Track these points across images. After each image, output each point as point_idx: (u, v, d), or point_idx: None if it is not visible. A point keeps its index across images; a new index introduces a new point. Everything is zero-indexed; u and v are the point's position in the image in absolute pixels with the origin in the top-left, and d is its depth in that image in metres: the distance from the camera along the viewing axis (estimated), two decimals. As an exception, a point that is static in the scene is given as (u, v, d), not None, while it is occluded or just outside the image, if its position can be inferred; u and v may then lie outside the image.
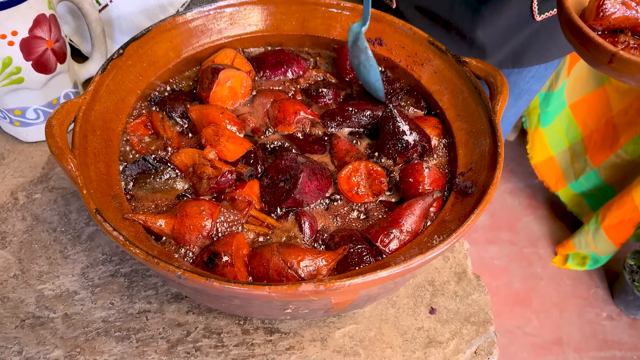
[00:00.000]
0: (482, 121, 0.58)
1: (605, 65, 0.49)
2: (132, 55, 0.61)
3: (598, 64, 0.50)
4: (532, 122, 1.62)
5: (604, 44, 0.47)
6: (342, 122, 0.63)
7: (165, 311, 0.56)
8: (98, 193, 0.50)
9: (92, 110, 0.55)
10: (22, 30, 0.59)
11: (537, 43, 0.81)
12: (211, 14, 0.66)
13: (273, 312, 0.49)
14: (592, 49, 0.48)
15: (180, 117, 0.62)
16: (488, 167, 0.54)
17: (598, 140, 1.52)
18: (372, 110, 0.63)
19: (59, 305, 0.56)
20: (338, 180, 0.56)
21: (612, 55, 0.47)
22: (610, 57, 0.47)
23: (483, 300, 0.59)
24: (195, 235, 0.50)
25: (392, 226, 0.51)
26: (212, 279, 0.41)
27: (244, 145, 0.58)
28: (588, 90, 1.53)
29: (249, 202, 0.54)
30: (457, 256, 0.63)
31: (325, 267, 0.49)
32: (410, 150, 0.58)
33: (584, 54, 0.51)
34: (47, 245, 0.61)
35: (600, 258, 1.53)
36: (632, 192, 1.36)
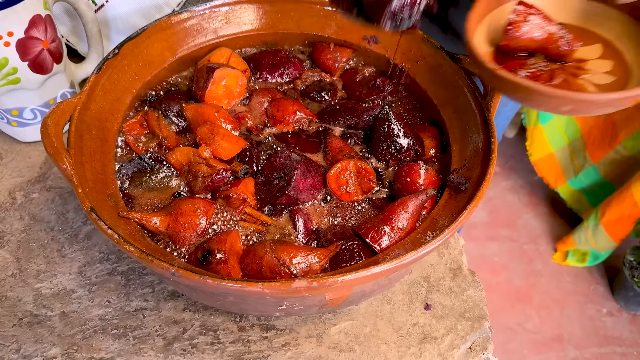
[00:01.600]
0: (476, 118, 0.58)
1: (489, 79, 0.50)
2: (128, 54, 0.62)
3: (486, 78, 0.52)
4: (531, 119, 1.62)
5: (485, 62, 0.49)
6: (338, 122, 0.63)
7: (161, 309, 0.56)
8: (93, 192, 0.50)
9: (87, 110, 0.55)
10: (18, 30, 0.60)
11: None
12: (206, 13, 0.67)
13: (268, 308, 0.49)
14: (478, 65, 0.50)
15: (176, 116, 0.62)
16: (481, 164, 0.54)
17: (597, 137, 1.51)
18: (368, 111, 0.63)
19: (56, 304, 0.56)
20: (327, 178, 0.56)
21: (491, 73, 0.48)
22: (492, 74, 0.48)
23: (478, 296, 0.59)
24: (190, 233, 0.51)
25: (384, 223, 0.52)
26: (205, 276, 0.42)
27: (238, 143, 0.58)
28: (587, 87, 1.53)
29: (243, 200, 0.54)
30: (453, 252, 0.63)
31: (318, 263, 0.49)
32: (403, 153, 0.58)
33: (477, 72, 0.53)
34: (44, 244, 0.61)
35: (600, 254, 1.53)
36: (631, 188, 1.35)
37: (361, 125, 0.62)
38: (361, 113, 0.62)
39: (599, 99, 0.45)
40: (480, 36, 0.56)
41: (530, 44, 0.54)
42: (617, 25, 0.55)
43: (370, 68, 0.70)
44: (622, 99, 0.46)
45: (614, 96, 0.45)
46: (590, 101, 0.45)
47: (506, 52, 0.56)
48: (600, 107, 0.47)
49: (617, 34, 0.55)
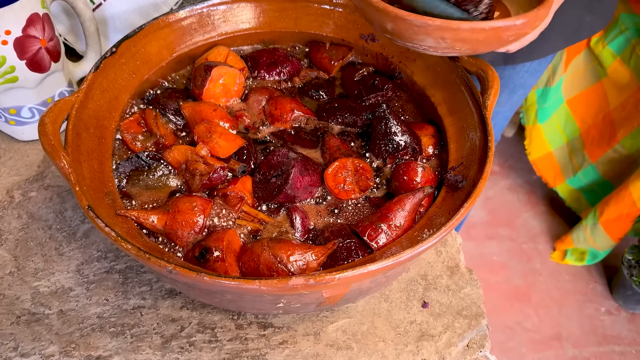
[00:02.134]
0: (473, 116, 0.58)
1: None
2: (125, 53, 0.62)
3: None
4: (530, 118, 1.62)
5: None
6: (336, 120, 0.63)
7: (159, 307, 0.56)
8: (91, 190, 0.50)
9: (85, 108, 0.55)
10: (15, 29, 0.60)
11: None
12: (204, 12, 0.67)
13: (265, 306, 0.49)
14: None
15: (173, 115, 0.62)
16: (479, 161, 0.54)
17: (596, 136, 1.51)
18: (367, 109, 0.63)
19: (54, 302, 0.56)
20: (325, 177, 0.56)
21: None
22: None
23: (475, 293, 0.59)
24: (188, 231, 0.51)
25: (381, 221, 0.52)
26: (202, 274, 0.42)
27: (236, 141, 0.58)
28: (585, 86, 1.53)
29: (241, 198, 0.54)
30: (450, 250, 0.64)
31: (315, 261, 0.49)
32: (400, 152, 0.58)
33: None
34: (42, 242, 0.61)
35: (599, 253, 1.54)
36: (629, 187, 1.36)
37: (359, 123, 0.62)
38: (359, 111, 0.62)
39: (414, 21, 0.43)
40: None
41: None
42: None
43: (368, 67, 0.70)
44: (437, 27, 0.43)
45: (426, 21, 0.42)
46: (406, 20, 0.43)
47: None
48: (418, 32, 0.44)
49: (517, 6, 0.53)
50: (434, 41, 0.45)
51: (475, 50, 0.47)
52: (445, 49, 0.46)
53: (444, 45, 0.45)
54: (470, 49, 0.47)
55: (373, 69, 0.70)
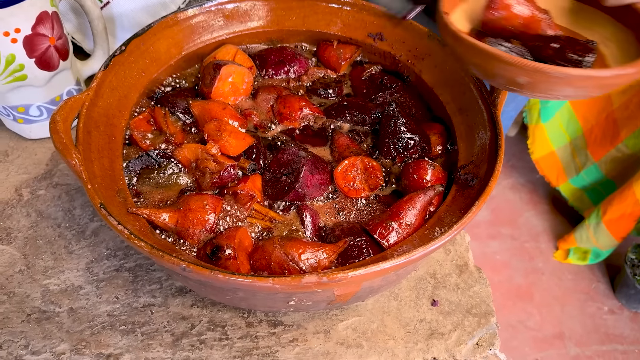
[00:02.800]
0: (482, 114, 0.58)
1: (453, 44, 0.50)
2: (134, 51, 0.62)
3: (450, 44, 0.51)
4: (533, 118, 1.62)
5: (449, 23, 0.48)
6: (345, 118, 0.64)
7: (169, 305, 0.56)
8: (102, 188, 0.50)
9: (95, 107, 0.56)
10: (25, 27, 0.60)
11: None
12: (212, 10, 0.67)
13: (277, 304, 0.49)
14: (442, 28, 0.50)
15: (182, 113, 0.62)
16: (489, 160, 0.54)
17: (599, 135, 1.52)
18: (376, 108, 0.63)
19: (64, 300, 0.56)
20: (335, 175, 0.56)
21: (453, 34, 0.48)
22: (454, 36, 0.48)
23: (484, 292, 0.60)
24: (199, 229, 0.51)
25: (392, 219, 0.52)
26: (216, 272, 0.42)
27: (246, 140, 0.58)
28: (589, 85, 1.53)
29: (251, 196, 0.54)
30: (459, 249, 0.64)
31: (327, 259, 0.49)
32: (409, 150, 0.58)
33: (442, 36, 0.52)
34: (51, 240, 0.61)
35: (602, 252, 1.54)
36: (633, 186, 1.36)
37: (368, 121, 0.63)
38: (368, 109, 0.63)
39: (556, 73, 0.43)
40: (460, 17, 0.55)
41: (512, 20, 0.53)
42: (603, 30, 0.54)
43: (377, 66, 0.70)
44: (580, 77, 0.44)
45: (570, 72, 0.43)
46: (547, 73, 0.43)
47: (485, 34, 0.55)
48: (557, 83, 0.45)
49: (603, 38, 0.54)
50: (573, 90, 0.45)
51: (602, 93, 0.47)
52: (582, 94, 0.47)
53: (581, 93, 0.46)
54: (604, 90, 0.47)
55: (381, 67, 0.70)
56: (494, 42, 0.51)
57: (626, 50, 0.52)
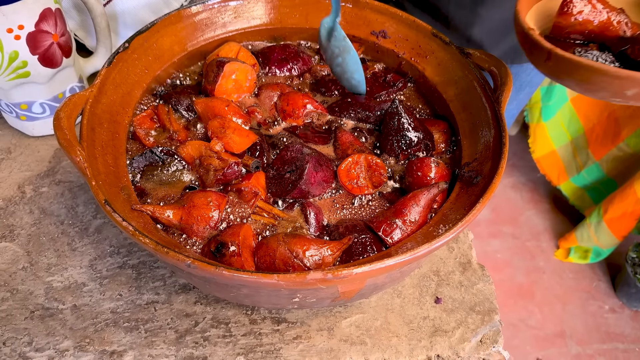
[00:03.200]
0: (486, 112, 0.58)
1: (543, 64, 0.48)
2: (138, 48, 0.62)
3: (538, 63, 0.49)
4: (534, 116, 1.62)
5: (541, 41, 0.47)
6: (349, 115, 0.63)
7: (173, 302, 0.56)
8: (106, 185, 0.50)
9: (99, 103, 0.55)
10: (28, 24, 0.60)
11: None
12: (215, 8, 0.67)
13: (281, 301, 0.49)
14: (531, 47, 0.48)
15: (186, 110, 0.62)
16: (492, 157, 0.54)
17: (600, 134, 1.52)
18: (379, 105, 0.63)
19: (67, 297, 0.56)
20: (338, 173, 0.56)
21: (548, 52, 0.46)
22: (547, 55, 0.46)
23: (488, 289, 0.60)
24: (203, 226, 0.51)
25: (396, 216, 0.52)
26: (221, 268, 0.42)
27: (249, 137, 0.58)
28: (590, 84, 1.53)
29: (255, 193, 0.54)
30: (462, 247, 0.64)
31: (331, 256, 0.49)
32: (413, 147, 0.58)
33: (528, 55, 0.50)
34: (54, 237, 0.61)
35: (603, 251, 1.54)
36: (634, 185, 1.36)
37: (372, 119, 0.62)
38: (372, 107, 0.62)
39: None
40: (530, 21, 0.53)
41: (587, 25, 0.51)
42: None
43: (379, 64, 0.70)
44: None
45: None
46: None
47: (556, 39, 0.53)
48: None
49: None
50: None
51: None
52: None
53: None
54: None
55: (384, 65, 0.70)
56: (581, 52, 0.49)
57: None
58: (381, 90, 0.66)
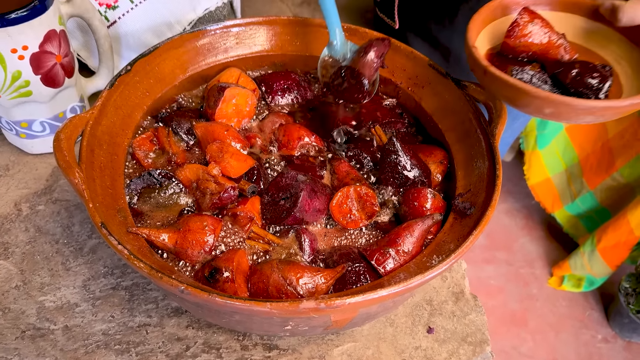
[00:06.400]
0: (480, 144, 0.59)
1: (482, 78, 0.54)
2: (140, 71, 0.63)
3: (479, 78, 0.55)
4: (529, 144, 1.64)
5: (479, 58, 0.53)
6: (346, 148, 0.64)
7: (165, 325, 0.56)
8: (103, 207, 0.51)
9: (99, 125, 0.56)
10: (32, 45, 0.61)
11: None
12: (217, 33, 0.68)
13: (273, 328, 0.50)
14: (473, 62, 0.54)
15: (185, 134, 0.63)
16: (486, 189, 0.55)
17: (594, 163, 1.53)
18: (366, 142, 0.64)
19: (59, 317, 0.56)
20: (331, 209, 0.56)
21: (484, 69, 0.52)
22: (484, 71, 0.53)
23: (480, 320, 0.60)
24: (198, 250, 0.51)
25: (389, 245, 0.52)
26: (214, 294, 0.42)
27: (247, 162, 0.59)
28: (584, 114, 1.55)
29: (250, 219, 0.54)
30: (455, 276, 0.64)
31: (324, 284, 0.49)
32: (408, 185, 0.59)
33: (471, 69, 0.56)
34: (49, 256, 0.61)
35: (596, 280, 1.54)
36: (627, 215, 1.37)
37: (370, 158, 0.63)
38: (367, 148, 0.63)
39: (579, 105, 0.48)
40: (482, 39, 0.59)
41: (531, 47, 0.57)
42: (617, 48, 0.57)
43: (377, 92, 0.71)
44: (602, 108, 0.48)
45: (592, 104, 0.48)
46: (571, 105, 0.48)
47: (505, 56, 0.59)
48: (580, 113, 0.49)
49: (616, 56, 0.57)
50: (594, 118, 0.50)
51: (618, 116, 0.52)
52: (602, 120, 0.51)
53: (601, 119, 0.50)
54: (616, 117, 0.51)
55: (382, 94, 0.71)
56: (518, 71, 0.55)
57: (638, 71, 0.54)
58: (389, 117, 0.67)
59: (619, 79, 0.56)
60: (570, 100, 0.48)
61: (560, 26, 0.59)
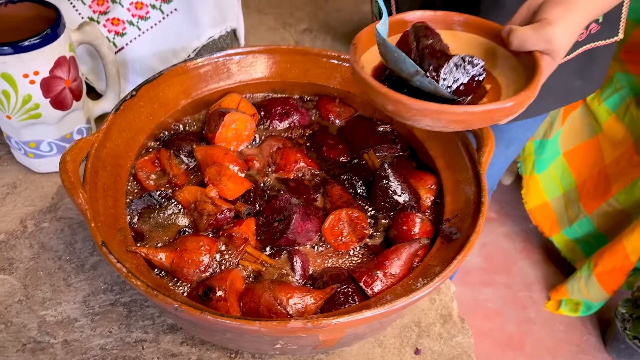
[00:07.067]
0: (468, 171, 0.61)
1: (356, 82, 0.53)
2: (144, 96, 0.66)
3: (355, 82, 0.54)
4: (527, 168, 1.66)
5: (353, 63, 0.52)
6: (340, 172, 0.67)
7: (160, 341, 0.58)
8: (105, 226, 0.53)
9: (103, 148, 0.59)
10: (43, 70, 0.64)
11: None
12: (220, 61, 0.71)
13: (263, 346, 0.51)
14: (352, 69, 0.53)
15: (186, 156, 0.66)
16: (472, 215, 0.57)
17: (591, 189, 1.55)
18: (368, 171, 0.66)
19: (59, 332, 0.58)
20: (323, 232, 0.58)
21: (353, 69, 0.52)
22: (352, 70, 0.52)
23: (466, 342, 0.61)
24: (193, 270, 0.53)
25: (377, 268, 0.54)
26: (206, 313, 0.44)
27: (244, 184, 0.61)
28: (582, 140, 1.58)
29: (245, 239, 0.57)
30: (444, 299, 0.66)
31: (313, 304, 0.51)
32: (398, 209, 0.61)
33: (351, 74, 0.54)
34: (51, 272, 0.64)
35: (593, 305, 1.54)
36: (623, 241, 1.38)
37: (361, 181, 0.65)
38: (360, 171, 0.66)
39: (412, 104, 0.48)
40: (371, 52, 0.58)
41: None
42: (510, 73, 0.56)
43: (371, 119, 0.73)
44: (435, 111, 0.47)
45: (425, 106, 0.47)
46: (405, 104, 0.48)
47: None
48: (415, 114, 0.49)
49: (509, 81, 0.56)
50: (431, 121, 0.49)
51: (468, 127, 0.52)
52: (441, 127, 0.51)
53: (440, 125, 0.50)
54: (464, 127, 0.52)
55: (377, 120, 0.74)
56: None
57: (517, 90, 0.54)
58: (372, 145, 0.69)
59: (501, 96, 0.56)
60: (405, 99, 0.48)
61: (467, 46, 0.59)
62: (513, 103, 0.49)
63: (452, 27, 0.61)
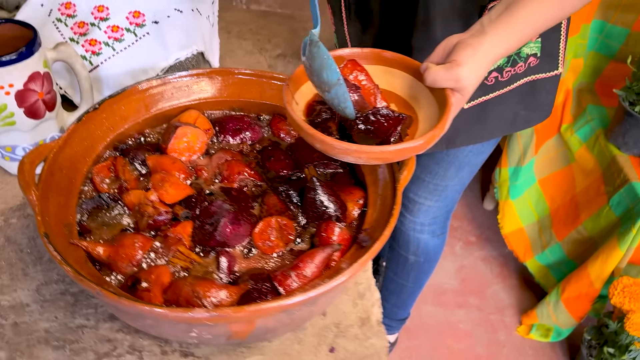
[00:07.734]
0: (388, 187, 0.68)
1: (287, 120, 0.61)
2: (107, 109, 0.74)
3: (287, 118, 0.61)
4: (503, 194, 1.71)
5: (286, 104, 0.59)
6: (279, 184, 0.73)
7: (99, 328, 0.65)
8: (52, 220, 0.60)
9: (62, 153, 0.67)
10: (17, 83, 0.72)
11: (466, 128, 0.91)
12: (172, 82, 0.79)
13: (180, 333, 0.58)
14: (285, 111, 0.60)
15: (140, 164, 0.73)
16: (383, 227, 0.63)
17: (563, 216, 1.59)
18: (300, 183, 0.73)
19: (11, 314, 0.65)
20: (253, 235, 0.65)
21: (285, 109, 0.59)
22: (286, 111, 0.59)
23: (380, 344, 0.67)
24: (126, 263, 0.60)
25: (293, 269, 0.61)
26: (122, 298, 0.51)
27: (185, 190, 0.68)
28: (556, 168, 1.63)
29: (178, 239, 0.64)
30: (366, 303, 0.71)
31: (228, 299, 0.57)
32: (324, 218, 0.67)
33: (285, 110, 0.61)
34: (12, 263, 0.71)
35: (563, 331, 1.57)
36: (588, 268, 1.41)
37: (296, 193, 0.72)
38: (299, 185, 0.72)
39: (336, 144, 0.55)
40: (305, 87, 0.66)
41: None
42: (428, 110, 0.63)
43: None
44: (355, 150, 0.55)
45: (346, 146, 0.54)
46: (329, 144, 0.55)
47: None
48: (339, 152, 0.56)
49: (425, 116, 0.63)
50: (353, 158, 0.58)
51: (387, 162, 0.61)
52: (364, 162, 0.59)
53: (362, 161, 0.58)
54: (384, 162, 0.61)
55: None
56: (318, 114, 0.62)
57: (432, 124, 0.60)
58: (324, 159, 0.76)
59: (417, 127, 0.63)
60: (329, 140, 0.55)
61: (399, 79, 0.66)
62: (423, 141, 0.56)
63: (381, 64, 0.68)
